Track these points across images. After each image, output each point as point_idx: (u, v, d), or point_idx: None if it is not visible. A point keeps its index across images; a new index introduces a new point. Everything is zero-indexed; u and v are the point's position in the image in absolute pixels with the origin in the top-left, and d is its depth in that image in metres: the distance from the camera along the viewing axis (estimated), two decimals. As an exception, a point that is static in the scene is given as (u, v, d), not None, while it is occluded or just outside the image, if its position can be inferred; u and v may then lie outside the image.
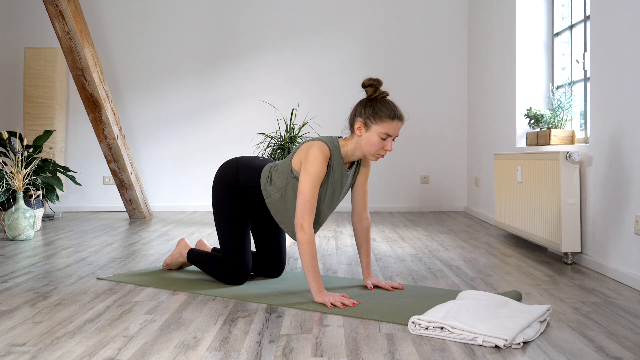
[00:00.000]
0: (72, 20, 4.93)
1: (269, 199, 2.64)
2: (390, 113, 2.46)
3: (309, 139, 2.62)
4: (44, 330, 2.09)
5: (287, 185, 2.59)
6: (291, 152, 2.64)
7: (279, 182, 2.60)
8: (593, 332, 2.07)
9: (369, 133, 2.48)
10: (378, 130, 2.47)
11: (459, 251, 3.78)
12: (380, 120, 2.46)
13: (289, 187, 2.58)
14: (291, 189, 2.58)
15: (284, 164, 2.62)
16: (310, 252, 2.43)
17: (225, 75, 6.39)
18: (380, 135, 2.47)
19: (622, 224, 2.91)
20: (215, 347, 1.92)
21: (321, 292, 2.43)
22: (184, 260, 3.03)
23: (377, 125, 2.46)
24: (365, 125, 2.49)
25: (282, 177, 2.60)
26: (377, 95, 2.50)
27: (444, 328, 1.99)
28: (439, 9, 6.34)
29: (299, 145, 2.59)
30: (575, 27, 4.11)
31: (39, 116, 6.01)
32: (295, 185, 2.57)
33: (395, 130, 2.48)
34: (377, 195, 6.30)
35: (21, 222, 4.23)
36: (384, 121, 2.46)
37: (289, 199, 2.59)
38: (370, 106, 2.49)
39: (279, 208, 2.63)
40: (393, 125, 2.47)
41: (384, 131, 2.47)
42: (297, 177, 2.55)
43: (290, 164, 2.58)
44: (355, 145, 2.54)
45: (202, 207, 6.38)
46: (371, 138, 2.48)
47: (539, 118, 4.06)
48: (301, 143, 2.61)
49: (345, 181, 2.63)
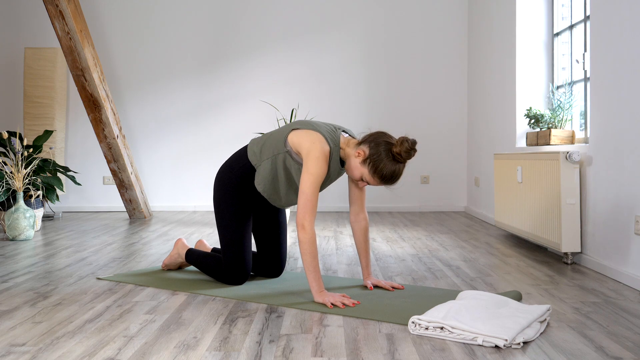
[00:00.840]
0: (72, 20, 4.93)
1: (259, 166, 2.64)
2: (386, 176, 2.46)
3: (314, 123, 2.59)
4: (44, 330, 2.09)
5: (277, 154, 2.60)
6: (289, 125, 2.64)
7: (269, 151, 2.62)
8: (593, 332, 2.07)
9: (360, 166, 2.50)
10: (366, 174, 2.50)
11: (459, 251, 3.78)
12: (374, 172, 2.47)
13: (279, 158, 2.59)
14: (281, 160, 2.59)
15: (277, 136, 2.62)
16: (311, 252, 2.43)
17: (225, 75, 6.39)
18: (363, 177, 2.51)
19: (622, 224, 2.91)
20: (215, 347, 1.92)
21: (321, 292, 2.43)
22: (183, 260, 3.02)
23: (369, 172, 2.48)
24: (363, 160, 2.49)
25: (273, 147, 2.61)
26: (396, 155, 2.44)
27: (444, 328, 1.99)
28: (439, 9, 6.34)
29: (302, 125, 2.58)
30: (575, 27, 4.11)
31: (39, 116, 6.01)
32: (286, 159, 2.58)
33: (377, 185, 2.52)
34: (377, 195, 6.30)
35: (21, 222, 4.23)
36: (375, 177, 2.48)
37: (279, 169, 2.61)
38: (382, 157, 2.45)
39: (268, 178, 2.63)
40: (378, 183, 2.50)
41: (368, 180, 2.51)
42: (290, 153, 2.56)
43: (286, 139, 2.58)
44: (348, 155, 2.55)
45: (202, 207, 6.38)
46: (357, 170, 2.52)
47: (539, 118, 4.06)
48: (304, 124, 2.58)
49: (337, 177, 2.66)
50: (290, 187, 2.65)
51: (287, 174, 2.61)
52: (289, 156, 2.57)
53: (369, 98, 6.35)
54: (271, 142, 2.63)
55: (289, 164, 2.58)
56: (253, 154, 2.66)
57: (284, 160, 2.59)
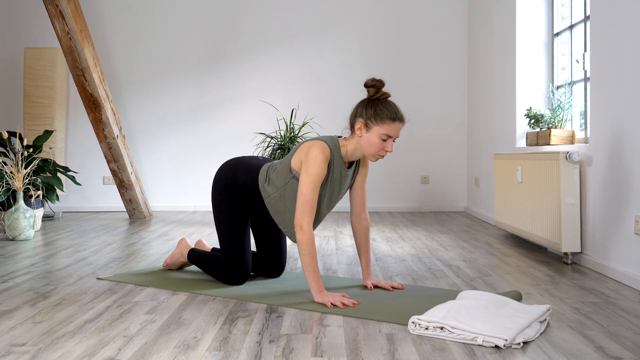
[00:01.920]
0: (72, 20, 4.93)
1: (267, 199, 2.63)
2: (392, 114, 2.46)
3: (309, 139, 2.61)
4: (44, 330, 2.09)
5: (286, 185, 2.58)
6: (290, 152, 2.63)
7: (278, 182, 2.60)
8: (593, 332, 2.07)
9: (370, 134, 2.48)
10: (379, 131, 2.46)
11: (459, 251, 3.78)
12: (381, 122, 2.46)
13: (288, 187, 2.58)
14: (290, 189, 2.58)
15: (283, 164, 2.62)
16: (310, 252, 2.43)
17: (225, 76, 6.39)
18: (381, 137, 2.47)
19: (622, 224, 2.91)
20: (215, 347, 1.92)
21: (321, 292, 2.43)
22: (185, 260, 3.03)
23: (378, 126, 2.46)
24: (366, 126, 2.49)
25: (280, 177, 2.60)
26: (379, 96, 2.50)
27: (444, 328, 1.99)
28: (439, 9, 6.34)
29: (299, 145, 2.59)
30: (575, 27, 4.11)
31: (39, 116, 6.01)
32: (294, 186, 2.56)
33: (396, 131, 2.48)
34: (377, 195, 6.30)
35: (21, 222, 4.23)
36: (385, 122, 2.46)
37: (288, 199, 2.59)
38: (372, 107, 2.49)
39: (278, 208, 2.63)
40: (394, 127, 2.47)
41: (385, 132, 2.46)
42: (297, 177, 2.55)
43: (290, 164, 2.57)
44: (356, 145, 2.54)
45: (202, 207, 6.38)
46: (372, 139, 2.48)
47: (539, 118, 4.06)
48: (301, 143, 2.61)
49: (345, 181, 2.62)
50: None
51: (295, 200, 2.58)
52: (295, 181, 2.56)
53: (369, 98, 6.34)
54: (277, 173, 2.62)
55: (296, 188, 2.56)
56: (262, 186, 2.64)
57: (292, 187, 2.57)
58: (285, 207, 2.61)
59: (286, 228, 2.65)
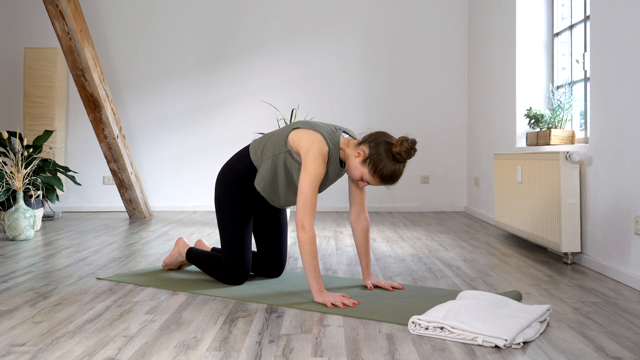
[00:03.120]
0: (72, 20, 4.93)
1: (260, 166, 2.64)
2: (386, 176, 2.46)
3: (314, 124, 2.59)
4: (44, 330, 2.09)
5: (278, 154, 2.60)
6: (289, 125, 2.64)
7: (270, 152, 2.62)
8: (593, 332, 2.07)
9: (360, 166, 2.50)
10: (366, 174, 2.49)
11: (459, 251, 3.78)
12: (374, 172, 2.47)
13: (280, 158, 2.59)
14: (282, 160, 2.59)
15: (278, 136, 2.62)
16: (311, 251, 2.43)
17: (225, 75, 6.39)
18: (363, 177, 2.51)
19: (622, 224, 2.91)
20: (215, 347, 1.92)
21: (321, 292, 2.43)
22: (184, 259, 3.02)
23: (370, 172, 2.48)
24: (363, 160, 2.49)
25: (275, 146, 2.61)
26: (396, 152, 2.44)
27: (444, 328, 1.99)
28: (439, 9, 6.34)
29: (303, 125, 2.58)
30: (575, 27, 4.11)
31: (39, 116, 6.01)
32: (287, 159, 2.58)
33: (378, 185, 2.52)
34: (377, 195, 6.30)
35: (21, 222, 4.23)
36: (375, 177, 2.48)
37: (279, 169, 2.61)
38: (382, 157, 2.45)
39: (267, 177, 2.63)
40: (379, 183, 2.50)
41: (368, 180, 2.51)
42: (291, 153, 2.56)
43: (287, 139, 2.58)
44: (349, 155, 2.55)
45: (202, 207, 6.38)
46: (357, 170, 2.51)
47: (539, 118, 4.06)
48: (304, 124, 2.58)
49: (337, 178, 2.65)
50: (289, 187, 2.65)
51: (287, 174, 2.61)
52: (289, 156, 2.57)
53: (368, 98, 6.35)
54: (272, 141, 2.63)
55: (289, 163, 2.58)
56: (255, 153, 2.67)
57: (285, 160, 2.58)
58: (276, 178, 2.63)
59: (274, 201, 2.70)
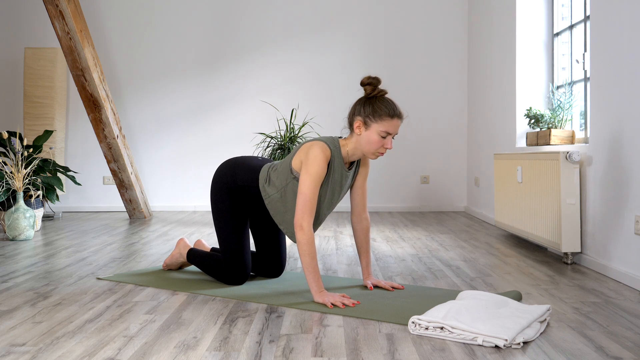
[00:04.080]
0: (72, 20, 4.93)
1: (268, 200, 2.63)
2: (390, 111, 2.46)
3: (309, 139, 2.61)
4: (44, 330, 2.09)
5: (286, 185, 2.58)
6: (291, 152, 2.63)
7: (278, 183, 2.60)
8: (593, 332, 2.07)
9: (369, 132, 2.48)
10: (378, 128, 2.47)
11: (459, 251, 3.78)
12: (379, 119, 2.46)
13: (289, 188, 2.58)
14: (291, 190, 2.58)
15: (284, 164, 2.62)
16: (310, 252, 2.43)
17: (225, 75, 6.39)
18: (380, 134, 2.47)
19: (622, 224, 2.91)
20: (215, 347, 1.92)
21: (321, 292, 2.43)
22: (184, 260, 3.02)
23: (377, 123, 2.47)
24: (364, 124, 2.49)
25: (281, 178, 2.60)
26: (375, 94, 2.50)
27: (444, 328, 1.99)
28: (439, 8, 6.34)
29: (299, 146, 2.59)
30: (575, 27, 4.11)
31: (39, 116, 6.01)
32: (294, 186, 2.56)
33: (395, 128, 2.49)
34: (377, 195, 6.30)
35: (21, 222, 4.23)
36: (384, 119, 2.46)
37: (288, 199, 2.59)
38: (370, 104, 2.49)
39: (278, 209, 2.63)
40: (393, 123, 2.47)
41: (384, 129, 2.47)
42: (297, 178, 2.55)
43: (290, 165, 2.57)
44: (355, 144, 2.54)
45: (202, 207, 6.38)
46: (371, 137, 2.48)
47: (539, 118, 4.06)
48: (301, 143, 2.61)
49: (345, 182, 2.62)
50: None
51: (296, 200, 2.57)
52: (296, 182, 2.56)
53: (369, 98, 6.34)
54: (278, 174, 2.61)
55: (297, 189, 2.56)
56: (263, 189, 2.64)
57: (293, 188, 2.57)
58: (285, 208, 2.61)
59: (287, 228, 2.65)
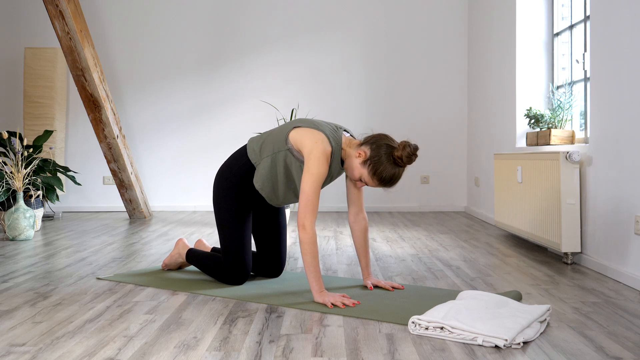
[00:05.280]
0: (72, 20, 4.93)
1: (258, 164, 2.63)
2: (385, 179, 2.48)
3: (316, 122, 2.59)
4: (44, 330, 2.09)
5: (278, 152, 2.59)
6: (290, 123, 2.63)
7: (270, 148, 2.61)
8: (593, 332, 2.07)
9: (360, 166, 2.51)
10: (365, 175, 2.50)
11: (459, 251, 3.78)
12: (373, 174, 2.48)
13: (280, 156, 2.58)
14: (282, 158, 2.58)
15: (278, 134, 2.62)
16: (312, 252, 2.43)
17: (225, 75, 6.39)
18: (362, 178, 2.52)
19: (622, 224, 2.91)
20: (215, 347, 1.92)
21: (321, 292, 2.43)
22: (183, 260, 3.02)
23: (369, 174, 2.49)
24: (363, 161, 2.50)
25: (274, 143, 2.60)
26: (396, 159, 2.45)
27: (444, 328, 1.99)
28: (439, 9, 6.34)
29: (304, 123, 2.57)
30: (575, 27, 4.11)
31: (39, 116, 6.01)
32: (287, 157, 2.57)
33: (375, 187, 2.53)
34: (377, 195, 6.29)
35: (21, 222, 4.23)
36: (374, 179, 2.49)
37: (279, 170, 2.60)
38: (382, 159, 2.46)
39: (266, 175, 2.62)
40: (377, 185, 2.51)
41: (366, 181, 2.52)
42: (291, 150, 2.56)
43: (287, 136, 2.57)
44: (349, 154, 2.56)
45: (202, 207, 6.38)
46: (357, 170, 2.53)
47: (539, 118, 4.06)
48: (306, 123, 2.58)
49: (337, 176, 2.65)
50: (288, 186, 2.65)
51: (286, 172, 2.61)
52: (290, 154, 2.57)
53: (369, 98, 6.35)
54: (272, 139, 2.63)
55: (289, 161, 2.58)
56: (253, 151, 2.66)
57: (285, 158, 2.58)
58: (276, 179, 2.63)
59: (273, 200, 2.69)
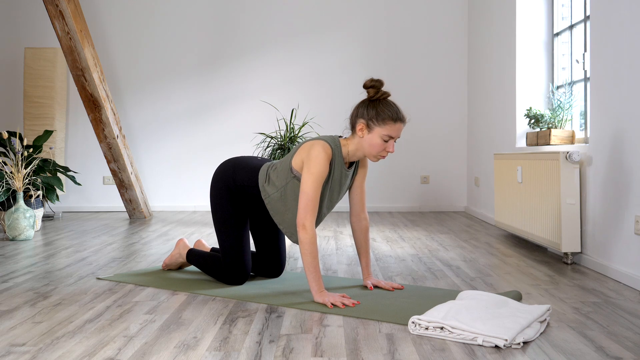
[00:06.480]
0: (72, 20, 4.93)
1: (267, 200, 2.63)
2: (393, 115, 2.46)
3: (309, 139, 2.61)
4: (44, 330, 2.09)
5: (286, 185, 2.58)
6: (291, 152, 2.63)
7: (278, 182, 2.60)
8: (593, 332, 2.07)
9: (371, 135, 2.48)
10: (380, 132, 2.47)
11: (459, 251, 3.78)
12: (382, 122, 2.46)
13: (289, 187, 2.58)
14: (291, 189, 2.57)
15: (283, 164, 2.61)
16: (312, 252, 2.43)
17: (225, 75, 6.39)
18: (383, 137, 2.47)
19: (622, 224, 2.91)
20: (215, 347, 1.92)
21: (321, 292, 2.43)
22: (184, 260, 3.02)
23: (380, 127, 2.46)
24: (367, 127, 2.49)
25: (281, 177, 2.60)
26: (379, 97, 2.50)
27: (444, 328, 1.99)
28: (439, 9, 6.34)
29: (299, 145, 2.59)
30: (575, 27, 4.11)
31: (39, 116, 6.01)
32: (294, 186, 2.56)
33: (398, 132, 2.49)
34: (377, 195, 6.30)
35: (21, 222, 4.23)
36: (387, 123, 2.46)
37: (288, 199, 2.59)
38: (373, 107, 2.49)
39: (278, 209, 2.62)
40: (395, 127, 2.47)
41: (387, 133, 2.47)
42: (298, 177, 2.55)
43: (290, 164, 2.57)
44: (357, 145, 2.54)
45: (202, 207, 6.38)
46: (373, 140, 2.48)
47: (539, 118, 4.06)
48: (301, 143, 2.60)
49: (345, 181, 2.62)
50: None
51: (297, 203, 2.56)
52: (296, 181, 2.55)
53: (369, 98, 6.34)
54: (277, 173, 2.60)
55: (298, 190, 2.55)
56: (263, 189, 2.63)
57: (294, 188, 2.56)
58: (285, 208, 2.61)
59: (286, 228, 2.65)
